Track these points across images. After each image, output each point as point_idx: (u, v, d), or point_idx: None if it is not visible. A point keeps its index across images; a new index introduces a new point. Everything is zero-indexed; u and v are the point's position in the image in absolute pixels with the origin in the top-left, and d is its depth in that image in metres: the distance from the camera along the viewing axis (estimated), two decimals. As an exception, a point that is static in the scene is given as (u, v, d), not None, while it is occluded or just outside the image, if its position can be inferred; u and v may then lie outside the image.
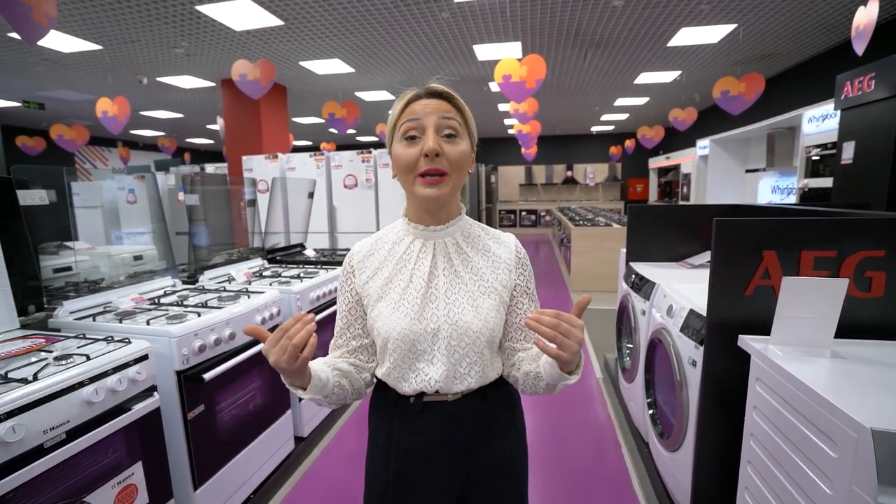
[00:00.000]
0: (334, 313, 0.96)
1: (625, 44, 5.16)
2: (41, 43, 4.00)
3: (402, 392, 0.82)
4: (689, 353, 1.54)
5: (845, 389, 0.95)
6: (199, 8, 3.92)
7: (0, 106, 7.54)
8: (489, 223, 12.65)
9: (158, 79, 6.15)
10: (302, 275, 2.41)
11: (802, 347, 1.16)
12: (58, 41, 4.62)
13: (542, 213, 12.73)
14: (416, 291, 0.80)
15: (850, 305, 1.21)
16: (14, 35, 4.39)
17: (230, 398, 1.73)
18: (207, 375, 1.55)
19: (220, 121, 6.68)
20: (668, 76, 6.65)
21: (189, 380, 1.52)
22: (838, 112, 3.52)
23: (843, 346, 1.18)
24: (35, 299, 1.61)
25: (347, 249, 3.70)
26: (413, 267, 0.82)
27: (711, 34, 4.83)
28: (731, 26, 4.62)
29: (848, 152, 3.30)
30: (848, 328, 1.23)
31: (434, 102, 0.78)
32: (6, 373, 1.13)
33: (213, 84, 6.48)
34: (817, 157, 4.38)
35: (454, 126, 0.77)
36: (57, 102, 7.33)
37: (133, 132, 10.65)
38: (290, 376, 0.72)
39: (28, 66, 5.47)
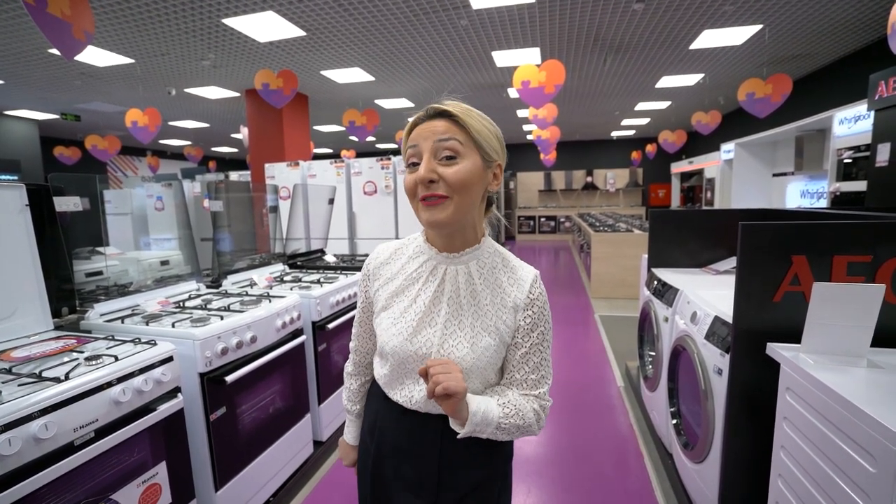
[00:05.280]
0: (353, 319, 0.99)
1: (645, 47, 5.09)
2: (78, 58, 4.19)
3: (389, 396, 0.87)
4: (715, 362, 1.50)
5: (884, 400, 0.90)
6: (226, 21, 4.05)
7: (40, 119, 7.93)
8: (507, 230, 12.60)
9: (186, 90, 6.37)
10: (322, 280, 2.44)
11: (836, 356, 1.11)
12: (94, 56, 4.83)
13: (562, 220, 12.60)
14: (415, 314, 0.81)
15: (887, 313, 1.16)
16: (54, 51, 4.62)
17: (251, 401, 1.76)
18: (229, 378, 1.58)
19: (243, 130, 6.86)
20: (690, 79, 6.53)
21: (211, 382, 1.55)
22: (872, 113, 3.40)
23: (880, 356, 1.13)
24: (68, 302, 1.68)
25: (367, 255, 3.71)
26: (420, 287, 0.82)
27: (736, 36, 4.73)
28: (757, 27, 4.51)
29: (883, 154, 3.17)
30: (886, 337, 1.18)
31: (432, 124, 0.74)
32: (40, 371, 1.17)
33: (237, 94, 6.67)
34: (849, 160, 4.22)
35: (452, 147, 0.73)
36: (91, 114, 7.66)
37: (161, 142, 11.04)
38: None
39: (67, 80, 5.74)
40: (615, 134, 12.17)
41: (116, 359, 1.28)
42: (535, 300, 0.81)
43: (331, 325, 2.26)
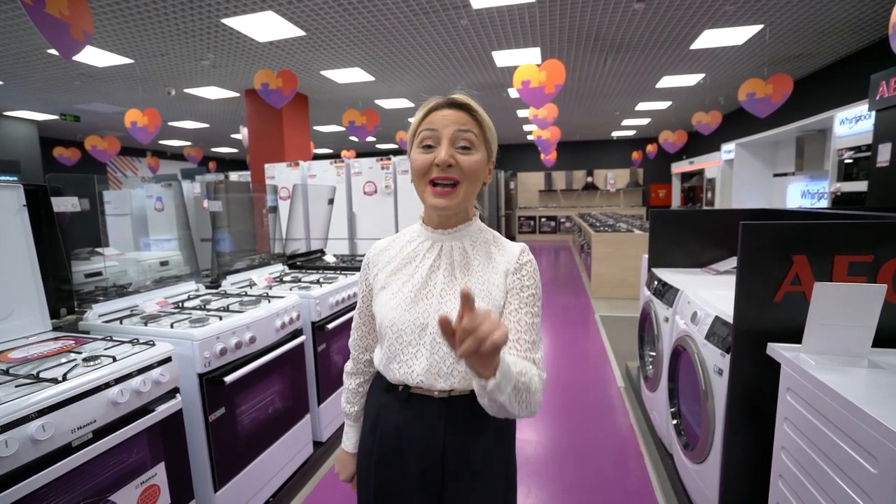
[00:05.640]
0: (352, 319, 1.00)
1: (646, 47, 5.09)
2: (77, 58, 4.19)
3: (390, 380, 0.87)
4: (715, 362, 1.49)
5: (885, 401, 0.90)
6: (225, 21, 4.04)
7: (39, 119, 7.93)
8: (508, 230, 12.58)
9: (185, 90, 6.36)
10: (321, 280, 2.44)
11: (837, 357, 1.11)
12: (93, 56, 4.83)
13: (562, 220, 12.60)
14: (413, 287, 0.85)
15: (889, 313, 1.16)
16: (53, 51, 4.62)
17: (250, 401, 1.75)
18: (228, 378, 1.58)
19: (243, 130, 6.86)
20: (691, 79, 6.52)
21: (210, 382, 1.55)
22: (873, 113, 3.39)
23: (881, 356, 1.12)
24: (67, 302, 1.67)
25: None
26: (417, 264, 0.87)
27: (736, 36, 4.72)
28: (758, 27, 4.50)
29: (884, 154, 3.17)
30: (887, 337, 1.17)
31: (453, 114, 0.80)
32: (38, 373, 1.16)
33: (237, 94, 6.67)
34: (850, 160, 4.22)
35: (470, 138, 0.80)
36: (91, 115, 7.66)
37: (161, 142, 11.04)
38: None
39: (66, 80, 5.74)
40: (615, 134, 12.16)
41: (114, 359, 1.28)
42: (525, 265, 0.86)
43: (330, 326, 2.26)
